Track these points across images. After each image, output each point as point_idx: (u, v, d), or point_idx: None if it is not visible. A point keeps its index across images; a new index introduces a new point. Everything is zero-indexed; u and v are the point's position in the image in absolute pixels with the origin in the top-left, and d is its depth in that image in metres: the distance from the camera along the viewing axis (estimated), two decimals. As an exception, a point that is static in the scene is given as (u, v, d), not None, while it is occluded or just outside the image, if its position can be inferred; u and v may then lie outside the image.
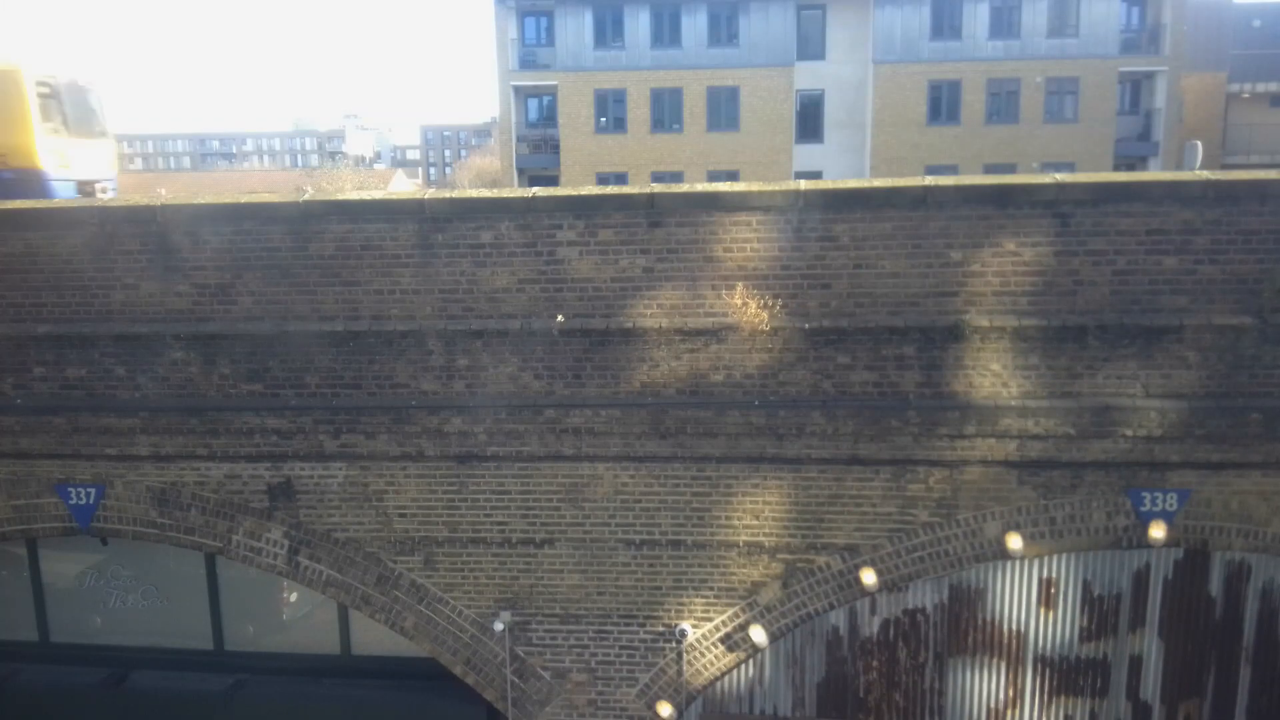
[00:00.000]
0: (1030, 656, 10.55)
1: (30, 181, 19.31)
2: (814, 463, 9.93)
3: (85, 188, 21.28)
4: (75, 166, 20.91)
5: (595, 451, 10.14)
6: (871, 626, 10.59)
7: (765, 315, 9.63)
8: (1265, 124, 45.25)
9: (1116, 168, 41.18)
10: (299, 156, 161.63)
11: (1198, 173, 9.53)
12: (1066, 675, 10.58)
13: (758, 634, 10.36)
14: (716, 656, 10.50)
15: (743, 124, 42.57)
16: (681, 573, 10.36)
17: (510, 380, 10.09)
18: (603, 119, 43.42)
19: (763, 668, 10.79)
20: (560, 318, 9.90)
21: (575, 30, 43.05)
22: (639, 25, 42.68)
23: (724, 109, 42.54)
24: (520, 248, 9.88)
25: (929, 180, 9.54)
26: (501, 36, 44.41)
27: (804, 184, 9.60)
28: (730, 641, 10.46)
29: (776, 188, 9.61)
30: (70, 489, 10.91)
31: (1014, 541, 9.82)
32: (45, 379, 10.68)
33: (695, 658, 10.53)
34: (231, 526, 10.76)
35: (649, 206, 9.66)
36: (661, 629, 10.52)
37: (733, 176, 40.51)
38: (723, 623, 10.42)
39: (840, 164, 42.73)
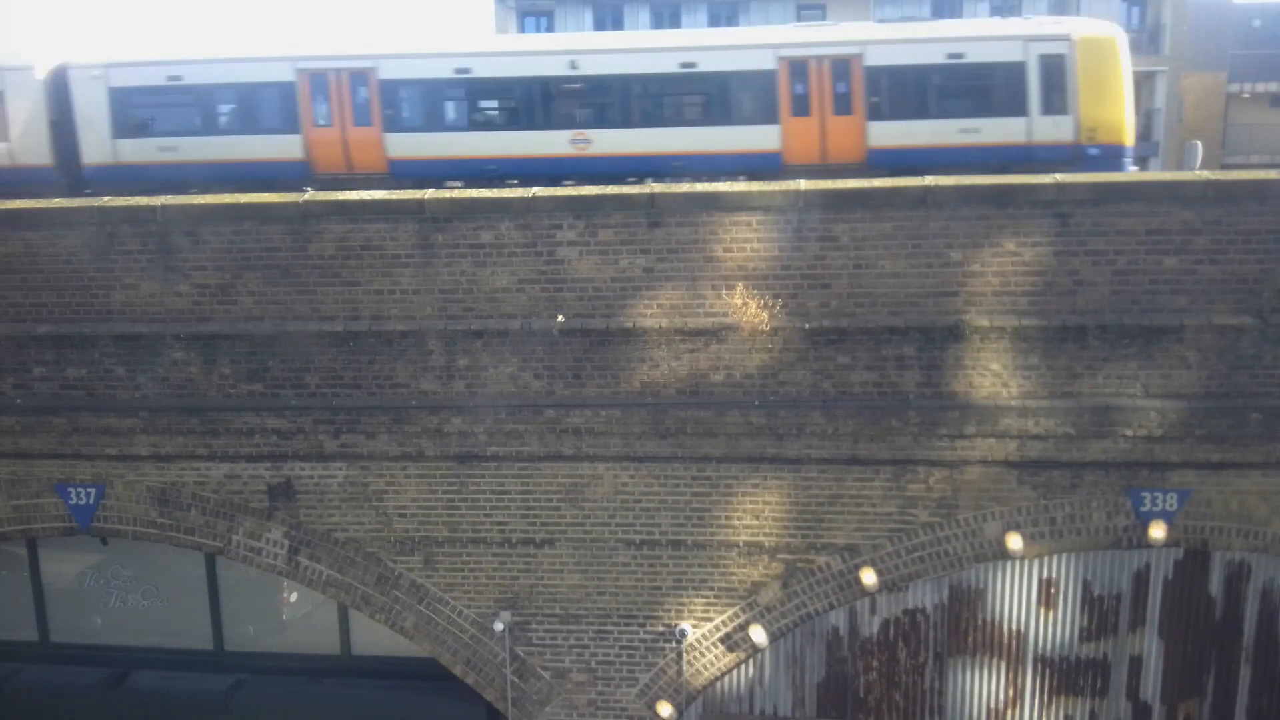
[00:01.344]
0: (1030, 656, 10.54)
1: (1113, 158, 18.06)
2: (814, 463, 9.93)
3: (1138, 164, 19.89)
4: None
5: (595, 451, 10.14)
6: (871, 626, 10.59)
7: (765, 315, 9.63)
8: (1265, 124, 45.16)
9: (1117, 167, 41.06)
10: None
11: (1198, 173, 9.53)
12: (1066, 675, 10.57)
13: (758, 634, 10.35)
14: (716, 656, 10.50)
15: (744, 123, 42.49)
16: (681, 573, 10.36)
17: (510, 380, 10.08)
18: (605, 118, 43.34)
19: (763, 668, 10.79)
20: (560, 318, 9.89)
21: (575, 29, 43.02)
22: (639, 24, 42.62)
23: (725, 108, 42.43)
24: (520, 248, 9.87)
25: (929, 180, 9.54)
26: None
27: (804, 184, 9.60)
28: (730, 641, 10.45)
29: (776, 188, 9.61)
30: (70, 489, 10.90)
31: (1014, 541, 9.81)
32: (45, 379, 10.67)
33: (695, 658, 10.52)
34: (231, 526, 10.76)
35: (649, 206, 9.66)
36: (661, 629, 10.52)
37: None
38: (723, 623, 10.42)
39: (841, 164, 42.61)
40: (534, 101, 19.35)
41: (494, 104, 19.85)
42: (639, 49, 19.47)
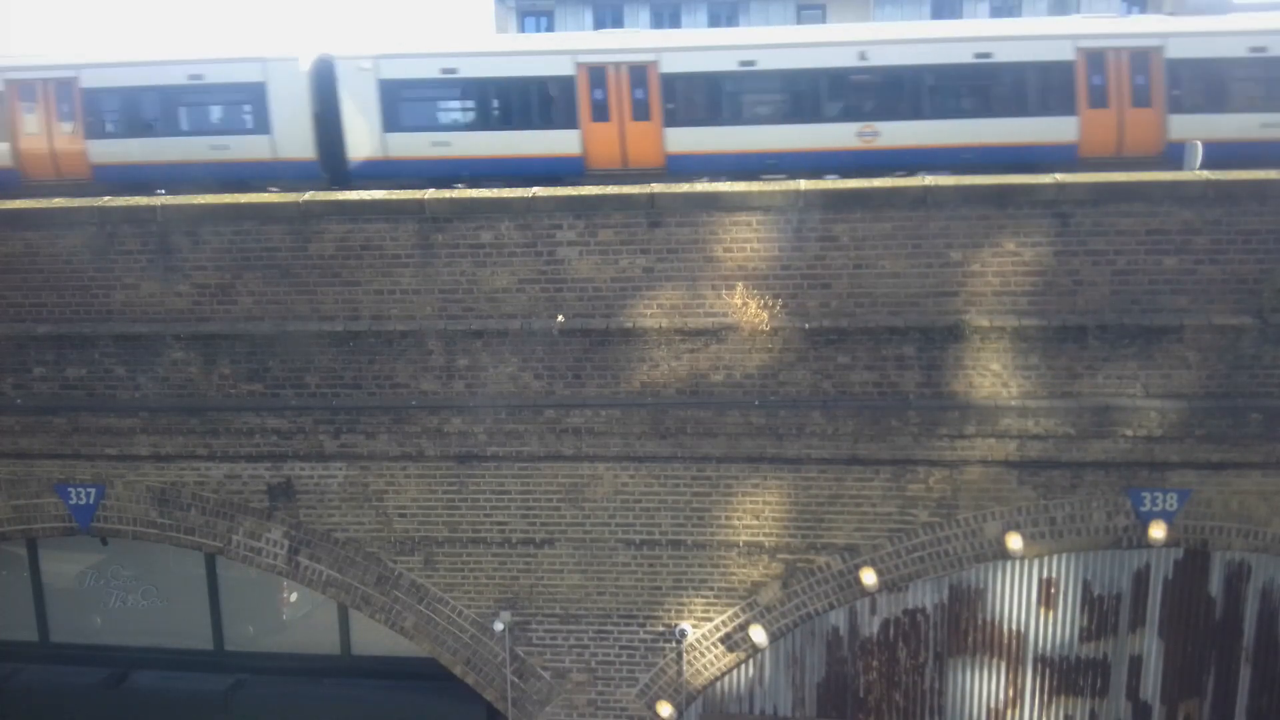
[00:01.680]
0: (1030, 656, 10.54)
1: None
2: (814, 463, 9.93)
3: None
4: None
5: (595, 451, 10.14)
6: (871, 626, 10.59)
7: (765, 315, 9.63)
8: (1265, 124, 45.10)
9: (1117, 167, 41.03)
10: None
11: (1198, 173, 9.53)
12: (1066, 675, 10.57)
13: (758, 634, 10.36)
14: (716, 656, 10.50)
15: (745, 123, 42.45)
16: (681, 573, 10.36)
17: (510, 380, 10.08)
18: (606, 118, 43.32)
19: (763, 668, 10.79)
20: (560, 318, 9.90)
21: (575, 30, 43.03)
22: (639, 24, 42.64)
23: (727, 107, 42.40)
24: (520, 248, 9.87)
25: (929, 180, 9.54)
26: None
27: (804, 184, 9.60)
28: (730, 641, 10.45)
29: (776, 187, 9.61)
30: (70, 489, 10.91)
31: (1014, 541, 9.81)
32: (45, 379, 10.67)
33: (695, 658, 10.52)
34: (231, 526, 10.76)
35: (649, 206, 9.66)
36: (661, 629, 10.52)
37: (734, 176, 40.32)
38: (723, 623, 10.42)
39: (842, 163, 42.57)
40: (820, 94, 19.00)
41: (778, 97, 19.36)
42: (932, 39, 19.17)
